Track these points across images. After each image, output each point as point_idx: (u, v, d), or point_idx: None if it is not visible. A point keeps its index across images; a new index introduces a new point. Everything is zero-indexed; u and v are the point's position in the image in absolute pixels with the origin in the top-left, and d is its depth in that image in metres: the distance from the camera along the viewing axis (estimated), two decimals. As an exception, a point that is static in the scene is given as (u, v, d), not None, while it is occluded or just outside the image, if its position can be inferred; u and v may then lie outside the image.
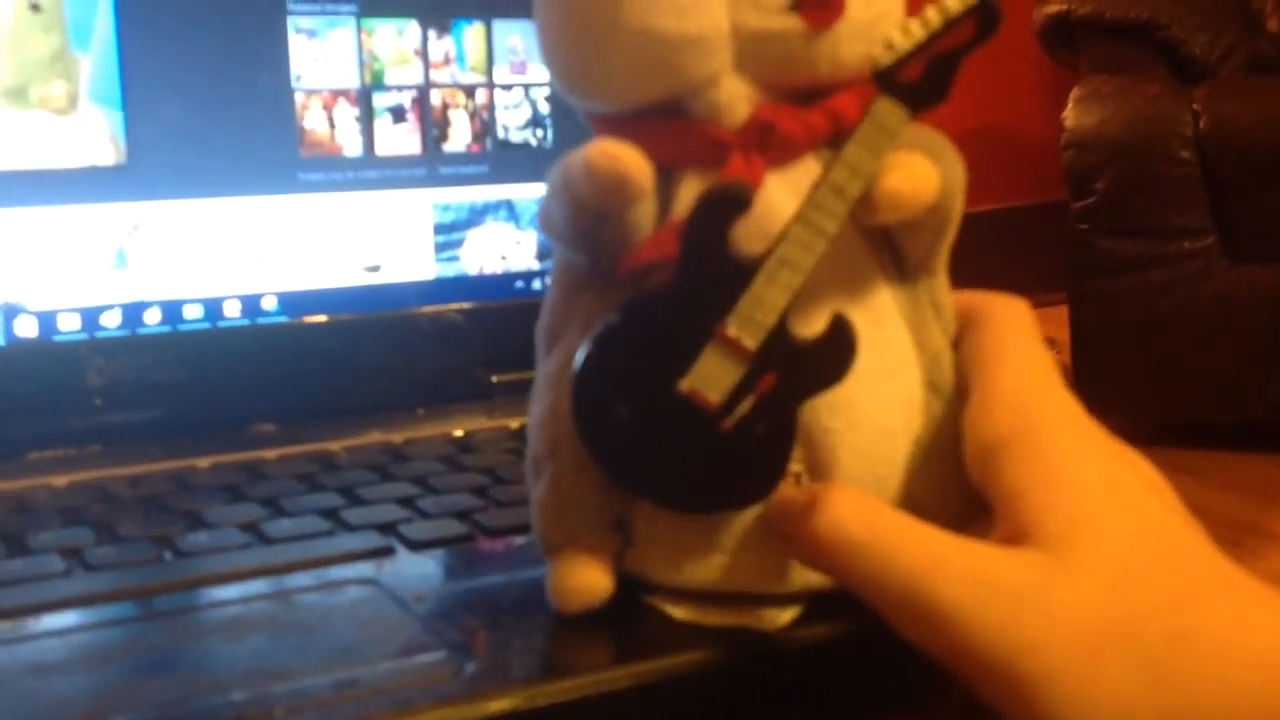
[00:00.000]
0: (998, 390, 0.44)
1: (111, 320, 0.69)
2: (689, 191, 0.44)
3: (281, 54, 0.72)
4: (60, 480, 0.63)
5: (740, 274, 0.42)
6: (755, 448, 0.44)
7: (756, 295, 0.42)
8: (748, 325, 0.42)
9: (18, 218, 0.67)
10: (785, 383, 0.43)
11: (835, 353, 0.43)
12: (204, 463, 0.65)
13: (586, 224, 0.44)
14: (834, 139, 0.44)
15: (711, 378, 0.43)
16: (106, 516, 0.57)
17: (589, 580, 0.46)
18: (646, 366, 0.43)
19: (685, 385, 0.43)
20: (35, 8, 0.67)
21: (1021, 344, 0.46)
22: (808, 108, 0.44)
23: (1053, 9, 2.54)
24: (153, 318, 0.70)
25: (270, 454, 0.67)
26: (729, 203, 0.42)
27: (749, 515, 0.45)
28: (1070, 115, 2.35)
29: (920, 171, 0.43)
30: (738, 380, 0.43)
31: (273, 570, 0.51)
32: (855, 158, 0.42)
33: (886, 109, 0.42)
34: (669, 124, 0.44)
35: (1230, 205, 2.29)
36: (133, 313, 0.69)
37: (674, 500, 0.45)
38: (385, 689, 0.41)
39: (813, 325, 0.43)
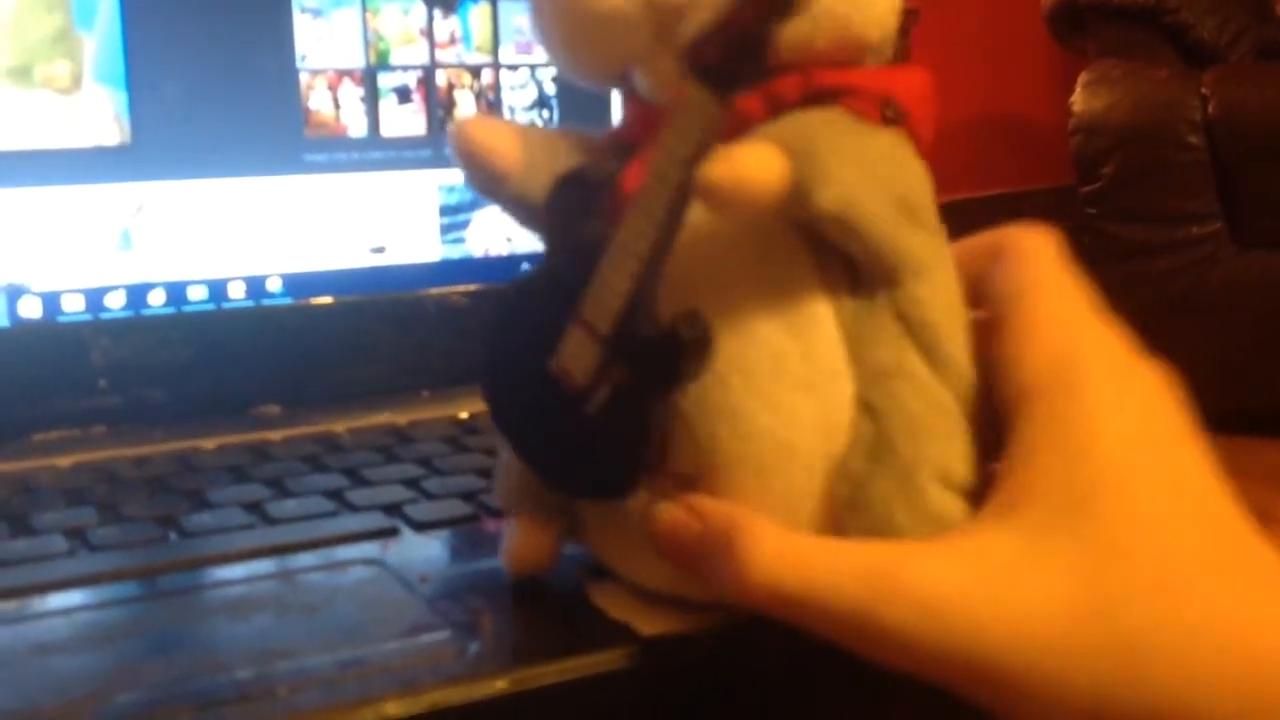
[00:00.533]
0: (1034, 329, 0.41)
1: (116, 301, 0.69)
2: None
3: (286, 34, 0.72)
4: (65, 461, 0.63)
5: (595, 257, 0.41)
6: (616, 438, 0.42)
7: (603, 279, 0.41)
8: (599, 309, 0.41)
9: (22, 198, 0.67)
10: (634, 375, 0.42)
11: (677, 352, 0.41)
12: (209, 444, 0.65)
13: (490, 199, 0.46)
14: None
15: (576, 359, 0.42)
16: (111, 497, 0.57)
17: (529, 548, 0.47)
18: (530, 345, 0.43)
19: (554, 364, 0.42)
20: (39, -13, 0.66)
21: (1054, 275, 0.43)
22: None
23: (1061, -7, 2.54)
24: (157, 299, 0.70)
25: (275, 435, 0.67)
26: (583, 185, 0.42)
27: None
28: (1078, 100, 2.35)
29: (750, 163, 0.39)
30: (596, 364, 0.42)
31: (277, 550, 0.51)
32: (670, 143, 0.40)
33: (693, 92, 0.40)
34: (635, 102, 0.45)
35: (1238, 190, 2.28)
36: (137, 294, 0.69)
37: (557, 482, 0.45)
38: (389, 668, 0.41)
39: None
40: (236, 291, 0.71)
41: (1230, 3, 2.54)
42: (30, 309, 0.67)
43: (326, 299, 0.74)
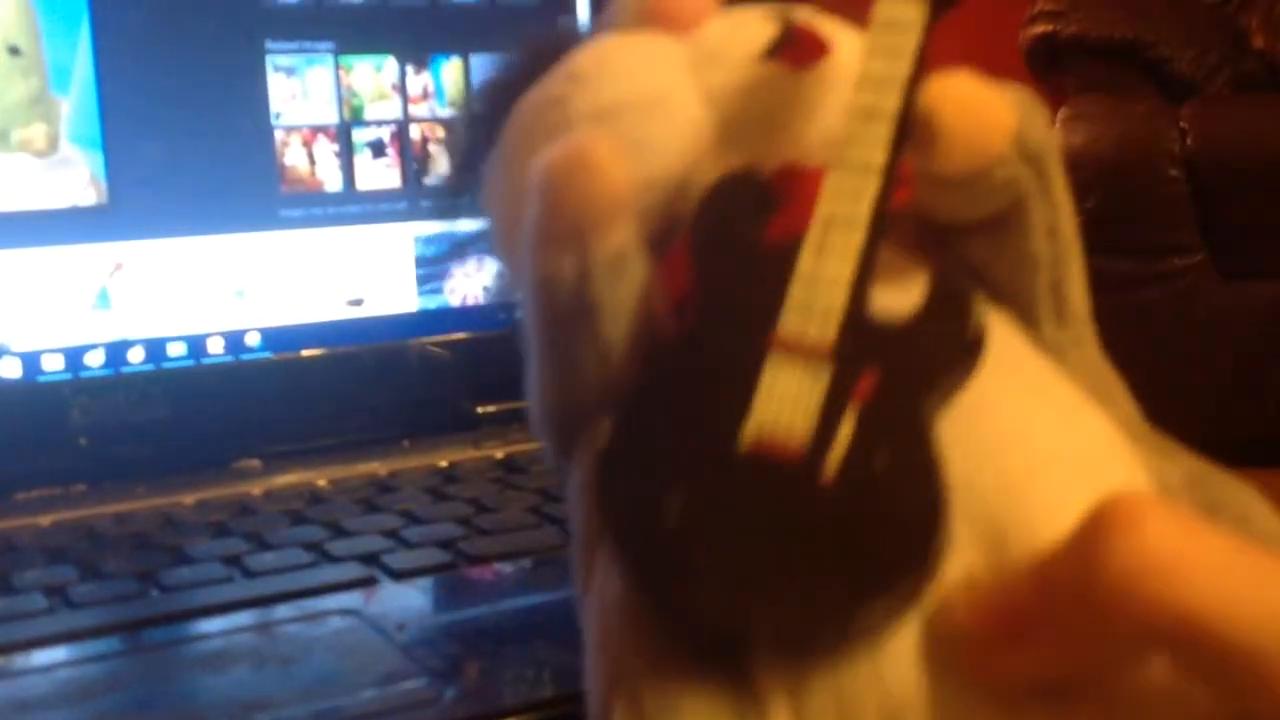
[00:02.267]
0: None
1: (95, 360, 0.69)
2: None
3: (261, 92, 0.73)
4: (45, 520, 0.63)
5: (780, 263, 0.30)
6: (884, 495, 0.28)
7: (808, 274, 0.30)
8: (810, 315, 0.30)
9: (0, 260, 0.67)
10: (894, 377, 0.29)
11: (952, 324, 0.30)
12: (189, 499, 0.65)
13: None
14: None
15: (783, 410, 0.29)
16: (91, 554, 0.58)
17: None
18: (693, 433, 0.29)
19: (749, 437, 0.29)
20: (15, 52, 0.67)
21: None
22: None
23: (1038, 30, 2.56)
24: (136, 356, 0.70)
25: (256, 489, 0.67)
26: (746, 189, 0.32)
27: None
28: (1058, 136, 2.36)
29: (982, 93, 0.32)
30: (821, 399, 0.29)
31: (255, 603, 0.52)
32: (877, 70, 0.31)
33: (892, 4, 0.32)
34: None
35: (1219, 222, 2.30)
36: (116, 352, 0.70)
37: (790, 631, 0.28)
38: (365, 716, 0.42)
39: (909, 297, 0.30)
40: (215, 347, 0.72)
41: (1207, 36, 2.56)
42: (10, 369, 0.68)
43: (305, 352, 0.74)
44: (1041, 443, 0.30)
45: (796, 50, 0.34)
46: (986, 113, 0.31)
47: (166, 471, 0.68)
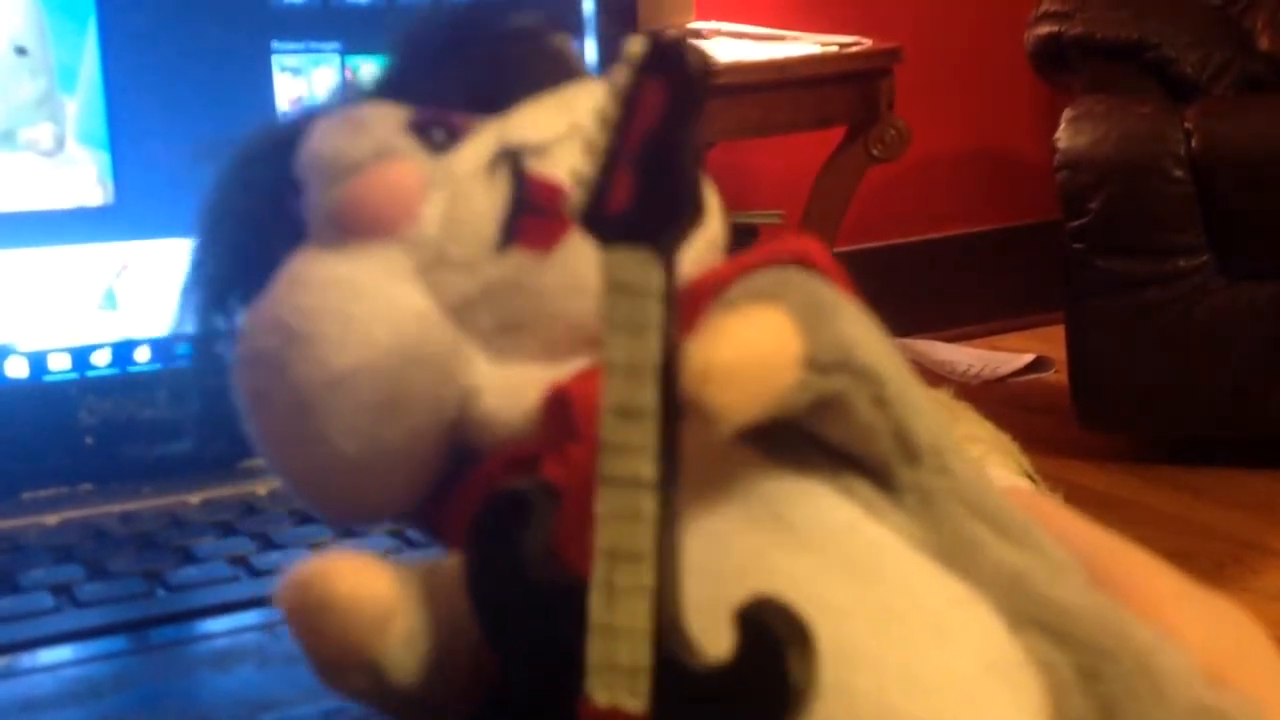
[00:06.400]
0: None
1: (102, 359, 0.69)
2: None
3: (267, 92, 0.73)
4: (52, 519, 0.63)
5: (571, 602, 0.28)
6: None
7: (602, 625, 0.27)
8: (616, 678, 0.27)
9: (7, 259, 0.67)
10: None
11: (769, 666, 0.26)
12: (195, 499, 0.66)
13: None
14: None
15: None
16: (98, 554, 0.58)
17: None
18: None
19: None
20: (21, 51, 0.67)
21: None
22: None
23: (1043, 30, 2.56)
24: (143, 356, 0.70)
25: (261, 489, 0.67)
26: (514, 519, 0.28)
27: None
28: (1063, 136, 2.36)
29: (751, 339, 0.28)
30: None
31: (261, 602, 0.52)
32: (619, 352, 0.27)
33: (618, 264, 0.27)
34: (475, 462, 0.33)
35: (1225, 222, 2.30)
36: (123, 351, 0.70)
37: None
38: (371, 715, 0.42)
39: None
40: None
41: (1212, 37, 2.56)
42: (16, 369, 0.68)
43: (311, 352, 0.74)
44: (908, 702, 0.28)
45: (535, 225, 0.32)
46: (761, 361, 0.27)
47: (173, 471, 0.68)
